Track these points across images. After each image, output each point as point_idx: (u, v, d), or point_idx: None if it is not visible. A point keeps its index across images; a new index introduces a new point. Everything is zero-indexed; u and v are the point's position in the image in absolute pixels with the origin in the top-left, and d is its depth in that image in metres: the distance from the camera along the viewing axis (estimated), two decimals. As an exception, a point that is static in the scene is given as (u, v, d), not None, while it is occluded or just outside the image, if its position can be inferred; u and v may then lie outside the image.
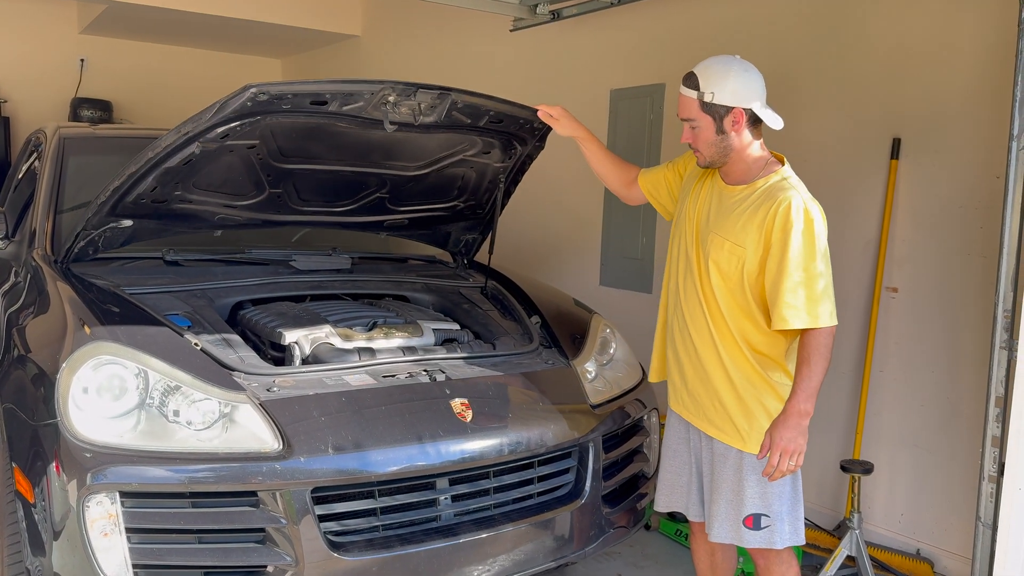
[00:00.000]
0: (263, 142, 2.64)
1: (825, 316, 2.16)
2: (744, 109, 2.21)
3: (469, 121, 2.77)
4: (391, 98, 2.51)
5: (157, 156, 2.49)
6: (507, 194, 3.27)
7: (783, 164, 2.31)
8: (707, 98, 2.20)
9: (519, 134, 2.95)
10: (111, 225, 2.76)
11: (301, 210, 3.11)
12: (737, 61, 2.25)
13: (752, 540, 2.32)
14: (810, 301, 2.15)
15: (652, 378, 2.61)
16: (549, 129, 2.87)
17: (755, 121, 2.26)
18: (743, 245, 2.21)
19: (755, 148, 2.28)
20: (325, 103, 2.48)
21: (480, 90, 2.67)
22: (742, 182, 2.29)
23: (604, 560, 3.37)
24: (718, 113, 2.22)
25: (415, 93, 2.52)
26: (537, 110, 2.72)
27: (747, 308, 2.26)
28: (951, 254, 3.23)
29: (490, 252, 3.40)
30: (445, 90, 2.57)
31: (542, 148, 3.10)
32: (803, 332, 2.19)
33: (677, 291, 2.42)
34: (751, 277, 2.23)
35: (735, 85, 2.20)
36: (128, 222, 2.78)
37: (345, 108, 2.52)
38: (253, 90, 2.31)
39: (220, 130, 2.46)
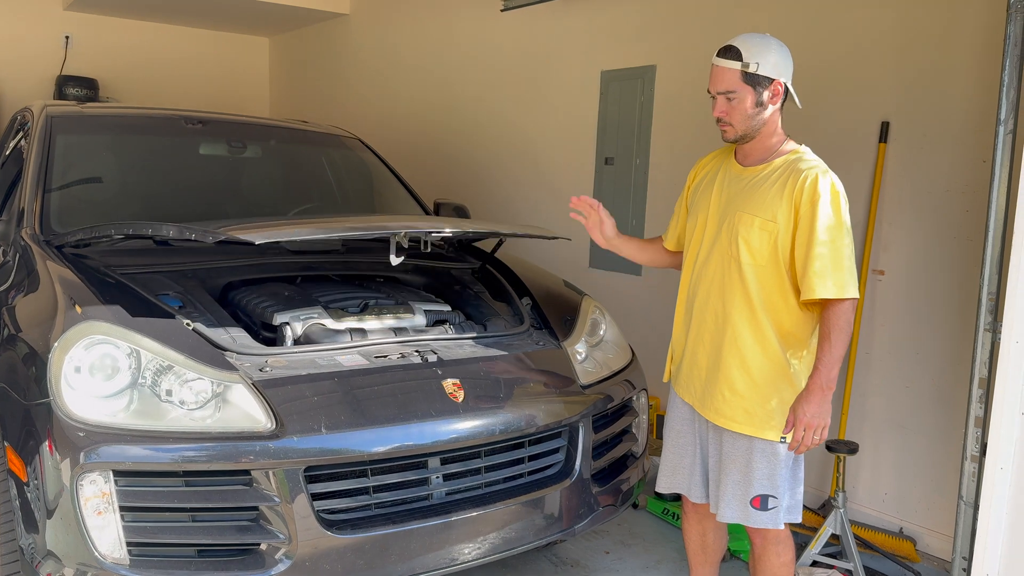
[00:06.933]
0: None
1: (850, 287, 2.18)
2: (783, 83, 2.25)
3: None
4: None
5: None
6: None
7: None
8: (752, 68, 2.22)
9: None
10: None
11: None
12: (772, 37, 2.28)
13: (759, 520, 2.35)
14: (836, 271, 2.17)
15: (665, 378, 2.61)
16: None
17: (784, 98, 2.30)
18: (774, 220, 2.23)
19: (779, 126, 2.33)
20: None
21: (471, 69, 2.68)
22: (760, 162, 2.33)
23: (593, 538, 3.41)
24: (760, 84, 2.24)
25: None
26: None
27: (779, 285, 2.27)
28: (937, 237, 3.26)
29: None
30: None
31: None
32: (825, 306, 2.22)
33: (696, 284, 2.42)
34: (784, 251, 2.24)
35: (776, 58, 2.24)
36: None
37: None
38: None
39: None
